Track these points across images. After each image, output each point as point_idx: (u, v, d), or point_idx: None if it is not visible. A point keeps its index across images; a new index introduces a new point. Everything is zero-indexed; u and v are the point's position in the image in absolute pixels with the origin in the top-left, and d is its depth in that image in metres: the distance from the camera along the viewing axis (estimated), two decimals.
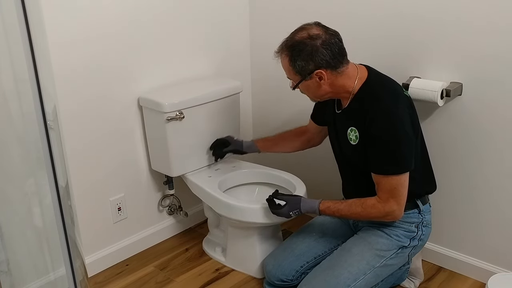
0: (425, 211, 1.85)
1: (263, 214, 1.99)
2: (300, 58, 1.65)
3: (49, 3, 1.81)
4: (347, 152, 1.83)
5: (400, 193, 1.70)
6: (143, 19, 2.13)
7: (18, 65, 1.18)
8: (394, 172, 1.68)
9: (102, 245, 2.25)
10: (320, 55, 1.64)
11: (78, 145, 2.04)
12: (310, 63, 1.65)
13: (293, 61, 1.68)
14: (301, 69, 1.68)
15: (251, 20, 2.56)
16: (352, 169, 1.88)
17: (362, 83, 1.73)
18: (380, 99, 1.70)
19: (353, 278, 1.76)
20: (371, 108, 1.69)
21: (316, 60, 1.65)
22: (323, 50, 1.64)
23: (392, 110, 1.68)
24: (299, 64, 1.67)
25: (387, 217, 1.74)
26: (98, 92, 2.06)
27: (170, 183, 2.37)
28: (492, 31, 1.81)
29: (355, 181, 1.89)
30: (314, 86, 1.72)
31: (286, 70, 1.74)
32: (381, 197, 1.71)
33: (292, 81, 1.77)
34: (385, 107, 1.68)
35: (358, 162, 1.78)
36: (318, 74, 1.67)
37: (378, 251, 1.80)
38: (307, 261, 1.93)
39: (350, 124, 1.76)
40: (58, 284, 1.64)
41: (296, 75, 1.71)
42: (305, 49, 1.64)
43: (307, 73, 1.68)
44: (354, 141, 1.76)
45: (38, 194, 1.54)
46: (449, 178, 2.06)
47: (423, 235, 1.85)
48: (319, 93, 1.75)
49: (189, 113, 2.13)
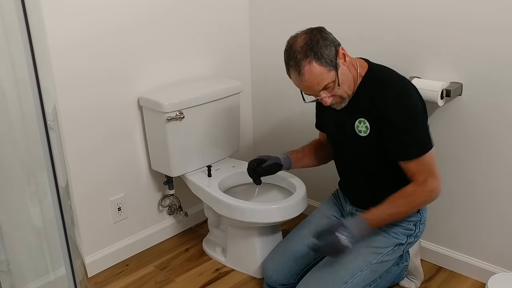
0: (423, 209, 1.86)
1: (263, 214, 1.99)
2: (323, 48, 1.59)
3: (49, 4, 1.82)
4: (355, 146, 1.79)
5: (435, 168, 1.68)
6: (144, 19, 2.13)
7: (18, 65, 1.18)
8: (424, 151, 1.66)
9: (102, 245, 2.25)
10: (329, 36, 1.63)
11: (78, 145, 2.04)
12: (330, 47, 1.60)
13: (320, 58, 1.58)
14: (331, 57, 1.60)
15: (251, 20, 2.56)
16: (360, 164, 1.83)
17: (366, 71, 1.72)
18: (389, 85, 1.68)
19: (350, 275, 1.76)
20: (383, 96, 1.66)
21: (331, 41, 1.62)
22: (324, 31, 1.64)
23: (404, 94, 1.66)
24: (326, 54, 1.59)
25: (432, 196, 1.71)
26: (98, 92, 2.06)
27: (170, 183, 2.37)
28: (492, 31, 1.81)
29: (363, 175, 1.85)
30: (345, 73, 1.65)
31: (319, 78, 1.61)
32: (419, 179, 1.67)
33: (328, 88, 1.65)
34: (397, 93, 1.66)
35: (368, 153, 1.76)
36: (341, 53, 1.63)
37: (375, 248, 1.81)
38: (307, 263, 1.92)
39: (358, 116, 1.73)
40: (58, 284, 1.65)
41: (330, 70, 1.61)
42: (319, 39, 1.60)
43: (335, 59, 1.61)
44: (364, 132, 1.73)
45: (38, 194, 1.54)
46: (449, 178, 2.06)
47: (419, 232, 1.87)
48: (349, 80, 1.68)
49: (189, 113, 2.13)
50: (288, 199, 2.04)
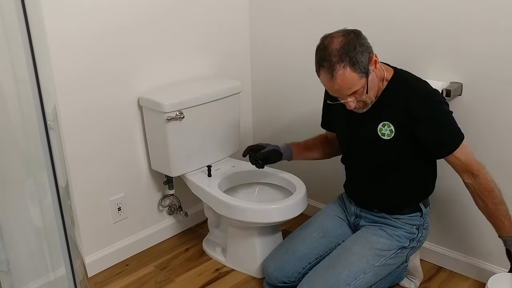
0: (426, 214, 1.86)
1: (263, 214, 1.99)
2: (359, 55, 1.58)
3: (49, 4, 1.82)
4: (375, 149, 1.78)
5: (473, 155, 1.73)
6: (144, 19, 2.13)
7: (18, 65, 1.18)
8: (462, 139, 1.70)
9: (102, 245, 2.25)
10: (365, 42, 1.62)
11: (78, 145, 2.04)
12: (365, 53, 1.60)
13: (355, 64, 1.58)
14: (364, 64, 1.60)
15: (251, 20, 2.56)
16: (375, 168, 1.83)
17: (392, 75, 1.73)
18: (416, 86, 1.71)
19: (353, 277, 1.76)
20: (411, 97, 1.68)
21: (367, 47, 1.62)
22: (361, 36, 1.63)
23: (431, 93, 1.69)
24: (361, 61, 1.58)
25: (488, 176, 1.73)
26: (98, 92, 2.06)
27: (170, 183, 2.37)
28: (492, 31, 1.81)
29: (378, 180, 1.84)
30: (374, 79, 1.66)
31: (350, 83, 1.60)
32: (471, 166, 1.71)
33: (356, 94, 1.65)
34: (425, 92, 1.69)
35: (390, 157, 1.76)
36: (373, 60, 1.63)
37: (379, 251, 1.81)
38: (309, 262, 1.92)
39: (382, 119, 1.73)
40: (58, 284, 1.65)
41: (361, 77, 1.60)
42: (356, 45, 1.59)
43: (368, 66, 1.61)
44: (388, 136, 1.73)
45: (38, 194, 1.54)
46: (449, 178, 2.05)
47: (422, 237, 1.87)
48: (376, 86, 1.69)
49: (189, 113, 2.13)
50: (288, 199, 2.04)
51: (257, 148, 2.00)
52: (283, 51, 2.45)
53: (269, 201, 2.14)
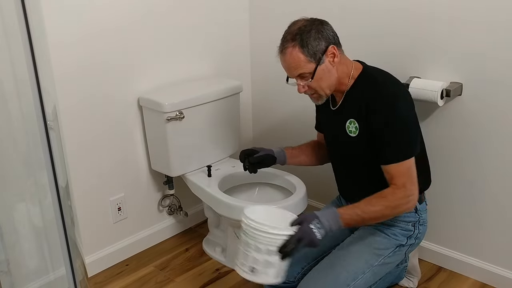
0: (421, 210, 1.85)
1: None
2: (311, 39, 1.62)
3: (49, 3, 1.82)
4: (346, 147, 1.80)
5: (414, 175, 1.68)
6: (143, 19, 2.13)
7: (18, 65, 1.18)
8: (406, 157, 1.66)
9: (102, 245, 2.25)
10: (326, 31, 1.64)
11: (78, 145, 2.04)
12: (321, 41, 1.63)
13: (304, 46, 1.62)
14: (315, 50, 1.63)
15: (251, 20, 2.56)
16: (350, 165, 1.84)
17: (359, 73, 1.73)
18: (380, 87, 1.68)
19: (352, 277, 1.76)
20: (373, 97, 1.66)
21: (325, 37, 1.64)
22: (326, 26, 1.66)
23: (395, 97, 1.66)
24: (312, 45, 1.62)
25: (408, 203, 1.68)
26: (98, 92, 2.06)
27: (170, 183, 2.37)
28: (492, 31, 1.81)
29: (354, 177, 1.86)
30: (327, 70, 1.67)
31: (296, 63, 1.65)
32: (397, 183, 1.66)
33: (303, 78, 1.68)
34: (388, 95, 1.66)
35: (358, 154, 1.76)
36: (331, 51, 1.64)
37: (376, 250, 1.80)
38: (307, 262, 1.92)
39: (349, 116, 1.74)
40: (58, 284, 1.65)
41: (310, 62, 1.64)
42: (311, 30, 1.63)
43: (321, 54, 1.63)
44: (354, 133, 1.74)
45: (38, 194, 1.54)
46: (449, 178, 2.06)
47: (419, 233, 1.86)
48: (332, 79, 1.69)
49: (189, 113, 2.13)
50: (288, 199, 2.03)
51: (250, 152, 1.97)
52: None
53: (269, 201, 2.13)
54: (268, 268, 1.55)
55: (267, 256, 1.53)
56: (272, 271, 1.55)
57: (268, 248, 1.52)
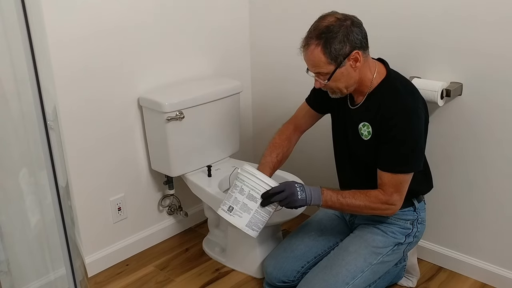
0: (420, 208, 1.86)
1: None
2: (336, 41, 1.58)
3: (49, 3, 1.81)
4: (356, 147, 1.80)
5: (404, 189, 1.70)
6: (144, 19, 2.13)
7: (18, 65, 1.18)
8: (403, 171, 1.68)
9: (102, 245, 2.25)
10: (354, 35, 1.60)
11: (78, 145, 2.04)
12: (346, 45, 1.59)
13: (327, 48, 1.58)
14: (337, 54, 1.60)
15: (251, 20, 2.56)
16: (357, 164, 1.85)
17: (382, 78, 1.71)
18: (401, 98, 1.68)
19: (352, 276, 1.76)
20: (392, 106, 1.66)
21: (351, 41, 1.60)
22: (356, 29, 1.61)
23: (413, 112, 1.66)
24: (335, 48, 1.58)
25: (387, 210, 1.72)
26: (98, 92, 2.06)
27: (170, 183, 2.37)
28: (492, 30, 1.81)
29: (358, 175, 1.87)
30: (347, 73, 1.64)
31: (317, 62, 1.62)
32: (386, 190, 1.70)
33: (321, 76, 1.66)
34: (407, 107, 1.66)
35: (367, 157, 1.76)
36: (354, 56, 1.62)
37: (375, 248, 1.81)
38: (307, 261, 1.93)
39: (363, 119, 1.74)
40: (58, 284, 1.65)
41: (331, 63, 1.61)
42: (339, 31, 1.59)
43: (343, 58, 1.61)
44: (366, 137, 1.74)
45: (38, 194, 1.54)
46: (449, 178, 2.06)
47: (418, 232, 1.87)
48: (350, 81, 1.67)
49: (189, 113, 2.13)
50: None
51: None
52: (283, 51, 2.45)
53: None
54: (244, 212, 1.72)
55: (247, 200, 1.70)
56: (246, 216, 1.71)
57: (251, 192, 1.70)
